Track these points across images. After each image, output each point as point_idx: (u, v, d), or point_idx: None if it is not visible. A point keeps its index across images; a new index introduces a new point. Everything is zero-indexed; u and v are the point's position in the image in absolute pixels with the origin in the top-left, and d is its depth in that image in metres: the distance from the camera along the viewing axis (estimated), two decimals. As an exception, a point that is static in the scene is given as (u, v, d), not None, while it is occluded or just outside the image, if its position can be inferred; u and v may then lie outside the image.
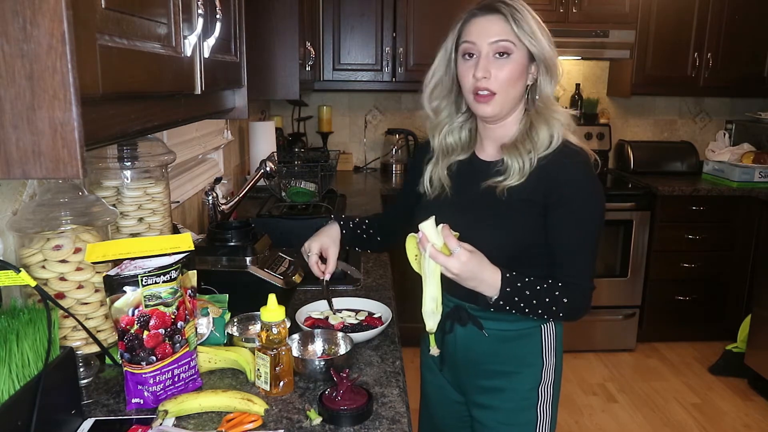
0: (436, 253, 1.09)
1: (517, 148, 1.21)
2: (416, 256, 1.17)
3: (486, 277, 1.13)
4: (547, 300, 1.18)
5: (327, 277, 1.38)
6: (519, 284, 1.16)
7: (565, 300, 1.19)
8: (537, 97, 1.24)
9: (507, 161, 1.21)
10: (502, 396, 1.30)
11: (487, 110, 1.21)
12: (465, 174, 1.31)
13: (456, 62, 1.25)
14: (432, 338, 1.20)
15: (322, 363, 1.16)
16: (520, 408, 1.30)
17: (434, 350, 1.22)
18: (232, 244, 1.47)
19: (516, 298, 1.16)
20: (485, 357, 1.29)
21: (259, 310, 1.11)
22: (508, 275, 1.15)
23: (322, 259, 1.39)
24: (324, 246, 1.40)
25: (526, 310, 1.18)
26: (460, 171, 1.32)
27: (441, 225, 1.10)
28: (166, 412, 1.01)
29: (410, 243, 1.15)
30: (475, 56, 1.20)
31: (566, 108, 1.25)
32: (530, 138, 1.21)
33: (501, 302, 1.15)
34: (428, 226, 1.10)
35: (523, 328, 1.27)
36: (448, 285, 1.17)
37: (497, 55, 1.18)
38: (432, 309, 1.15)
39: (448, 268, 1.09)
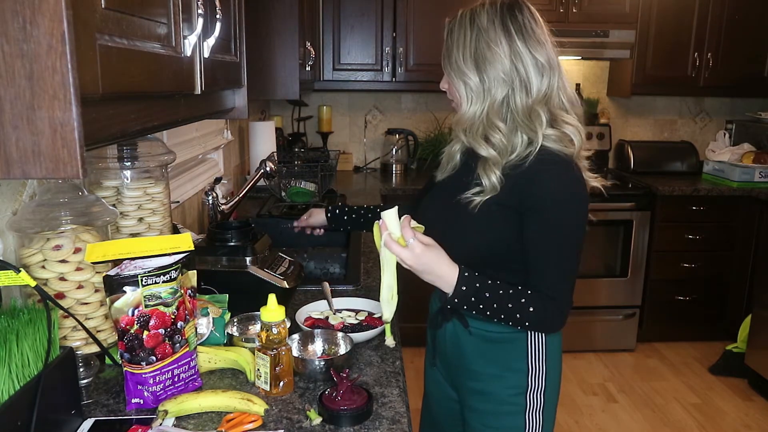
0: (390, 242, 1.08)
1: (485, 168, 1.18)
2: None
3: (442, 273, 1.11)
4: (510, 306, 1.13)
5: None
6: (478, 284, 1.12)
7: (531, 309, 1.14)
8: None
9: (481, 177, 1.19)
10: (487, 398, 1.28)
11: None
12: (467, 163, 1.30)
13: None
14: (387, 328, 1.20)
15: (322, 363, 1.16)
16: (505, 412, 1.27)
17: (389, 341, 1.22)
18: (232, 244, 1.47)
19: (473, 299, 1.12)
20: (471, 356, 1.28)
21: (259, 310, 1.11)
22: (466, 274, 1.12)
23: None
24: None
25: (487, 313, 1.14)
26: (465, 157, 1.31)
27: (404, 216, 1.09)
28: (166, 412, 1.01)
29: (375, 230, 1.15)
30: None
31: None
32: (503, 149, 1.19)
33: (456, 300, 1.13)
34: (390, 215, 1.09)
35: (508, 330, 1.23)
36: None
37: None
38: (387, 298, 1.14)
39: (401, 258, 1.08)
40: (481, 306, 1.13)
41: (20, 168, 0.55)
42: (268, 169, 2.18)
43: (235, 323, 1.32)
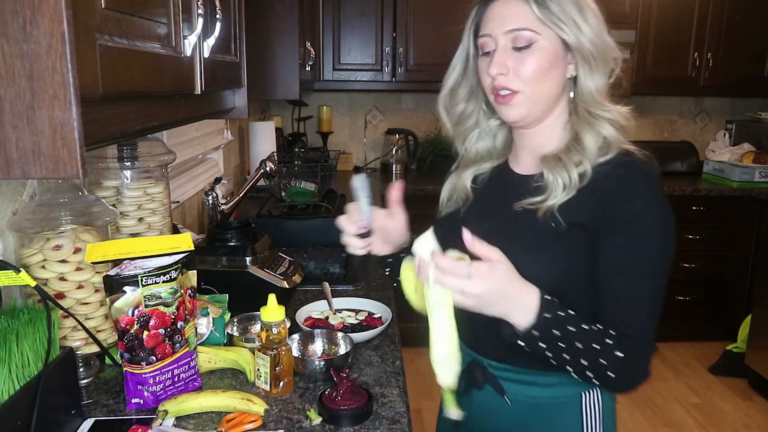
0: (443, 275, 0.82)
1: (561, 159, 0.97)
2: (417, 287, 0.92)
3: (519, 296, 0.86)
4: (596, 347, 0.89)
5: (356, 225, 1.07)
6: (561, 313, 0.89)
7: (620, 354, 0.89)
8: (576, 96, 1.00)
9: (548, 177, 0.97)
10: None
11: (511, 113, 0.99)
12: (494, 188, 1.09)
13: (477, 60, 1.04)
14: (449, 396, 0.90)
15: (322, 363, 1.16)
16: None
17: (453, 413, 0.90)
18: (232, 244, 1.47)
19: (556, 332, 0.88)
20: (508, 430, 1.04)
21: (259, 310, 1.11)
22: (548, 297, 0.88)
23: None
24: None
25: (565, 356, 0.89)
26: (488, 185, 1.10)
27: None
28: (166, 412, 1.01)
29: (407, 273, 0.92)
30: (493, 51, 0.99)
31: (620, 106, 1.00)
32: (576, 147, 0.98)
33: (535, 333, 0.87)
34: (425, 245, 0.84)
35: (558, 396, 1.01)
36: (467, 336, 0.95)
37: (516, 47, 0.96)
38: (446, 355, 0.86)
39: (465, 291, 0.82)
40: (561, 345, 0.88)
41: (20, 168, 0.55)
42: (268, 169, 2.18)
43: (235, 323, 1.32)
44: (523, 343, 0.89)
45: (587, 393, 1.02)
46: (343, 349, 1.24)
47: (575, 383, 0.98)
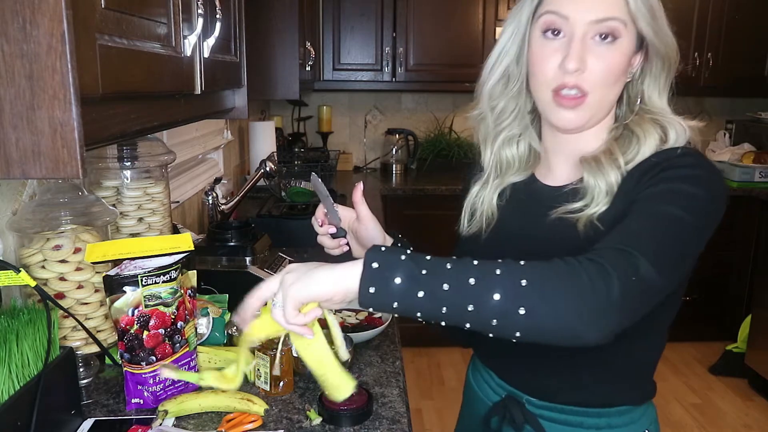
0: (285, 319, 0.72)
1: (604, 161, 0.84)
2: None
3: (333, 268, 0.70)
4: (500, 272, 0.66)
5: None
6: (404, 257, 0.67)
7: (562, 268, 0.67)
8: (639, 102, 0.88)
9: (588, 181, 0.84)
10: None
11: (572, 119, 0.84)
12: (522, 205, 0.95)
13: (530, 41, 0.86)
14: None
15: (322, 363, 1.15)
16: None
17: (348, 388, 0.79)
18: (232, 244, 1.47)
19: (399, 279, 0.66)
20: None
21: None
22: (383, 248, 0.69)
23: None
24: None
25: (443, 311, 0.66)
26: (513, 202, 0.96)
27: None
28: (166, 412, 1.01)
29: (263, 323, 0.79)
30: (562, 36, 0.82)
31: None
32: (624, 148, 0.85)
33: (371, 290, 0.67)
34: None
35: (607, 424, 0.90)
36: (498, 365, 0.91)
37: (599, 39, 0.81)
38: (333, 377, 0.79)
39: (286, 319, 0.72)
40: (421, 293, 0.66)
41: (20, 168, 0.55)
42: (268, 169, 2.18)
43: (236, 323, 1.32)
44: (377, 312, 0.71)
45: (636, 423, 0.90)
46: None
47: (626, 425, 0.89)
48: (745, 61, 3.53)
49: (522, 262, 0.67)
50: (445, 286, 0.65)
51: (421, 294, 0.65)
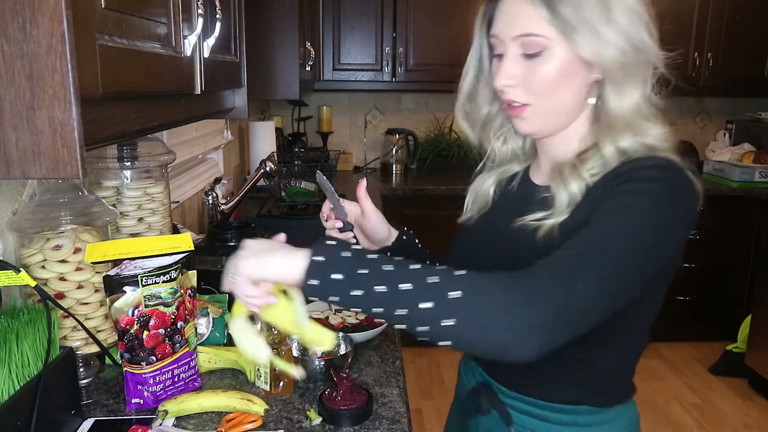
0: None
1: (569, 171, 0.85)
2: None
3: (282, 252, 0.75)
4: (410, 286, 0.68)
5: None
6: (347, 253, 0.72)
7: (457, 294, 0.66)
8: (598, 109, 0.88)
9: (553, 190, 0.86)
10: None
11: (523, 126, 0.89)
12: (508, 199, 0.99)
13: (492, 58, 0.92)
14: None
15: (322, 363, 1.16)
16: None
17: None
18: (232, 244, 1.47)
19: (342, 276, 0.70)
20: None
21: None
22: (331, 242, 0.75)
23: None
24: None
25: (372, 306, 0.70)
26: (505, 194, 1.01)
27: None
28: (166, 412, 1.01)
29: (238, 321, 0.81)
30: (501, 55, 0.87)
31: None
32: (588, 158, 0.85)
33: (313, 282, 0.71)
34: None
35: (573, 421, 0.90)
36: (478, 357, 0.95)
37: (526, 53, 0.84)
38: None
39: (239, 290, 0.76)
40: (358, 292, 0.69)
41: (20, 168, 0.55)
42: (268, 169, 2.18)
43: (235, 323, 1.32)
44: (316, 298, 0.73)
45: (612, 418, 0.91)
46: (343, 349, 1.24)
47: (597, 424, 0.90)
48: (745, 61, 3.53)
49: (463, 272, 0.69)
50: (381, 288, 0.68)
51: (358, 292, 0.69)
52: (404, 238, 1.07)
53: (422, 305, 0.67)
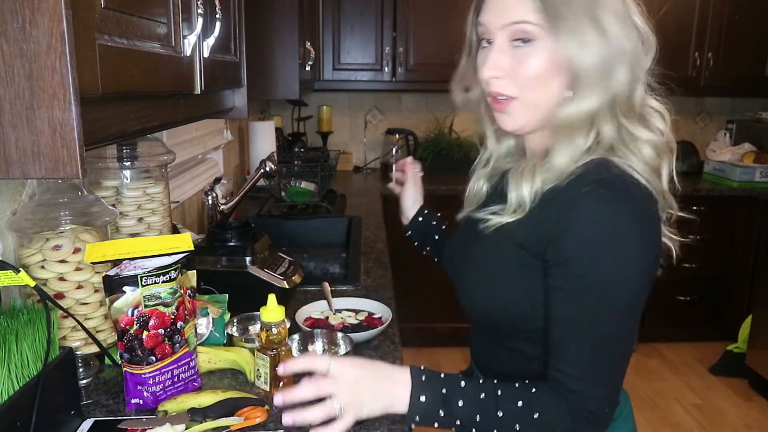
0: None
1: (522, 174, 0.86)
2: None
3: (387, 379, 0.82)
4: (502, 415, 0.79)
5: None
6: (445, 390, 0.80)
7: (536, 415, 0.79)
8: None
9: (508, 188, 0.88)
10: None
11: (508, 122, 0.87)
12: (491, 195, 1.00)
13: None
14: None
15: (322, 363, 1.15)
16: None
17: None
18: (232, 244, 1.47)
19: (442, 413, 0.80)
20: None
21: (258, 310, 1.11)
22: (424, 377, 0.81)
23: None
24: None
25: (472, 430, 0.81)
26: (491, 190, 1.02)
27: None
28: (165, 412, 1.00)
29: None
30: (489, 44, 0.86)
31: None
32: (547, 163, 0.85)
33: (419, 419, 0.82)
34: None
35: None
36: (476, 356, 1.02)
37: (515, 43, 0.82)
38: None
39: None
40: (459, 423, 0.81)
41: (20, 168, 0.55)
42: (268, 169, 2.17)
43: (235, 323, 1.32)
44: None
45: None
46: (343, 350, 1.24)
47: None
48: (745, 61, 3.53)
49: (516, 417, 0.80)
50: (479, 420, 0.81)
51: (458, 422, 0.82)
52: (420, 219, 1.32)
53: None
